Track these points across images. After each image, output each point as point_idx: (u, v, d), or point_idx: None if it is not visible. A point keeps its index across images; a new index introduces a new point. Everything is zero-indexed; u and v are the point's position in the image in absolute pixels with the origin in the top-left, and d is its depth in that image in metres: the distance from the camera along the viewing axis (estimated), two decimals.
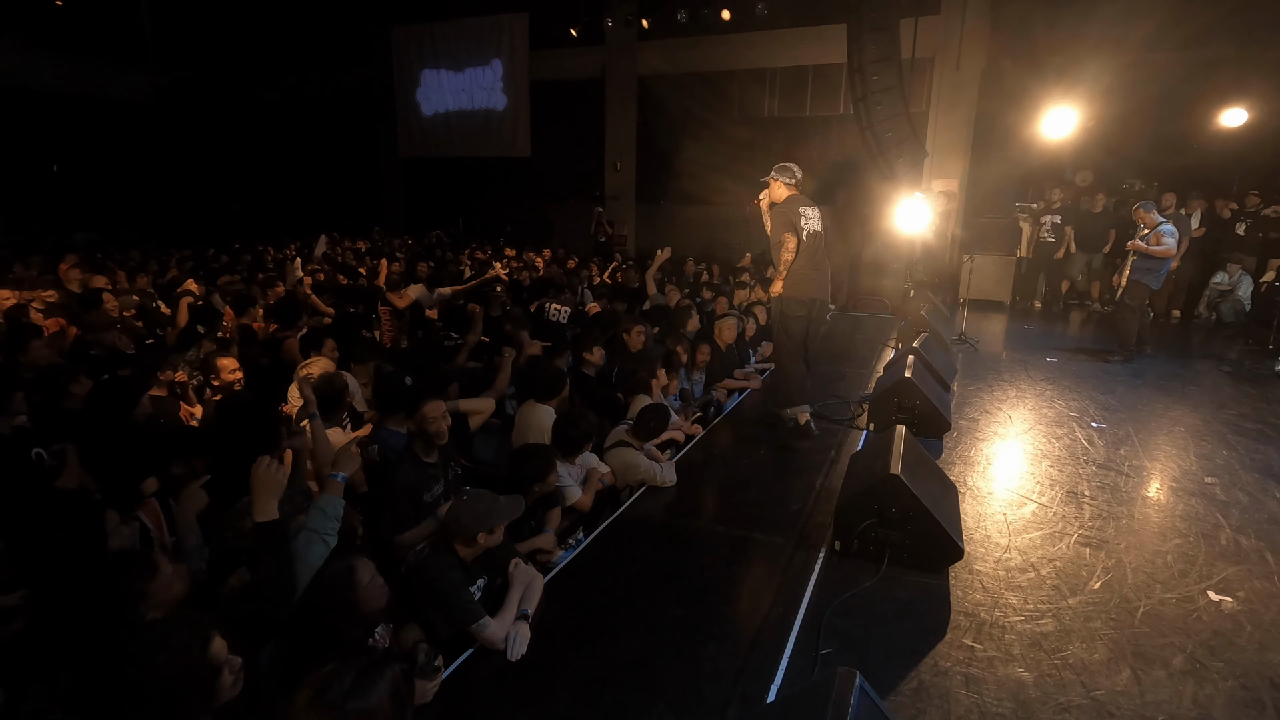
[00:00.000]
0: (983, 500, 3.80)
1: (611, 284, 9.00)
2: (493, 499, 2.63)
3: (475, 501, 2.59)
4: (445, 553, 2.53)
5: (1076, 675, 2.40)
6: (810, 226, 4.49)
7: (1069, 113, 8.63)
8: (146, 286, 7.66)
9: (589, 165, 15.74)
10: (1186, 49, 10.00)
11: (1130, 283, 6.83)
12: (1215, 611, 2.78)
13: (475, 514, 2.55)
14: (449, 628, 2.45)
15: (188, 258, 10.69)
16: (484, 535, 2.55)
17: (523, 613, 2.58)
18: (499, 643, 2.44)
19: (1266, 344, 7.38)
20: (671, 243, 14.47)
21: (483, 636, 2.43)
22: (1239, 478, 4.11)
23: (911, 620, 2.72)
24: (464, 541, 2.54)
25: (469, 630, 2.42)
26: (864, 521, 3.09)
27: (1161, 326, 8.76)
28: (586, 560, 3.17)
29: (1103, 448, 4.57)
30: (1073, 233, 9.73)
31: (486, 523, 2.55)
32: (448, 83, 17.03)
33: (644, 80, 14.93)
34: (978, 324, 8.57)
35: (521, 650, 2.45)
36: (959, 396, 5.65)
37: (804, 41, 13.07)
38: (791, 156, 13.75)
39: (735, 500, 3.79)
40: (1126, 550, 3.25)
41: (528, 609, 2.59)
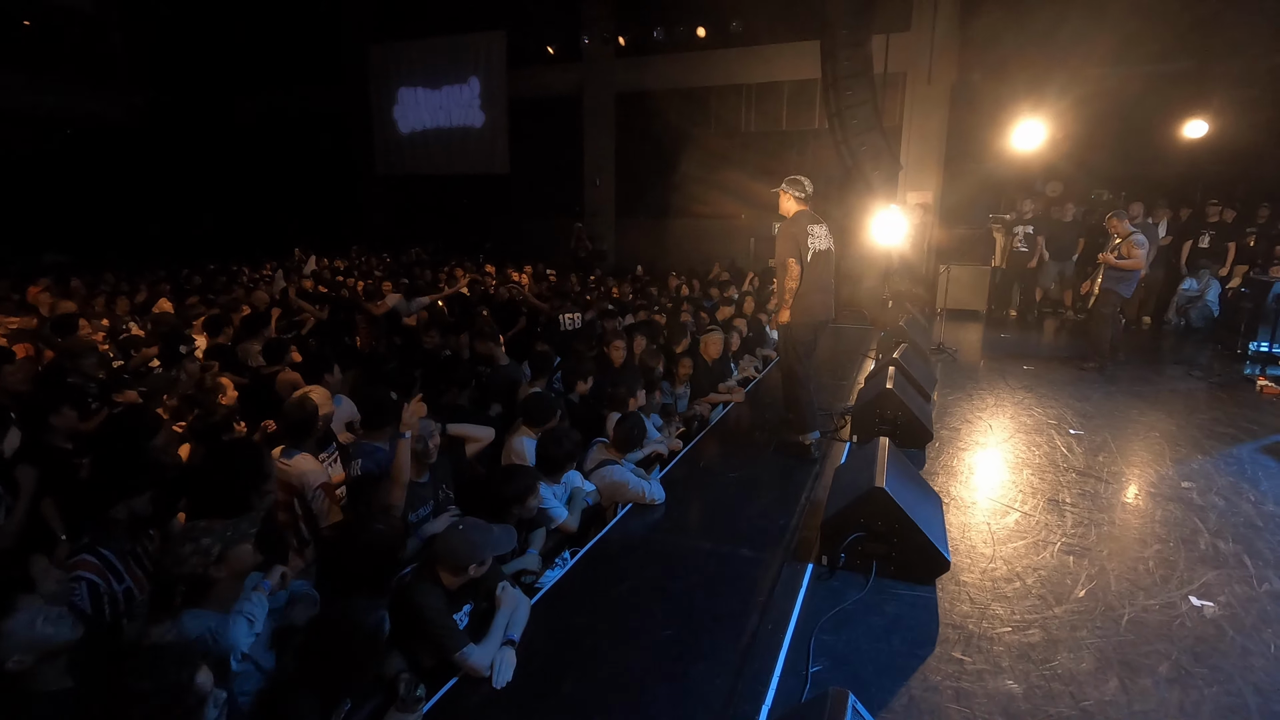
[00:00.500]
0: (967, 510, 3.82)
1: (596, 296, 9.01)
2: (487, 529, 2.60)
3: (471, 532, 2.55)
4: (429, 579, 2.48)
5: (1065, 686, 2.41)
6: (818, 245, 4.38)
7: (1038, 125, 8.82)
8: (124, 312, 7.51)
9: (568, 181, 15.79)
10: (1149, 64, 10.31)
11: (1102, 291, 6.96)
12: (1198, 617, 2.81)
13: (471, 545, 2.50)
14: (432, 655, 2.40)
15: (161, 279, 10.51)
16: (475, 567, 2.51)
17: (509, 638, 2.53)
18: (484, 670, 2.39)
19: (1235, 348, 7.55)
20: (652, 257, 14.64)
21: (467, 665, 2.38)
22: (1214, 482, 4.18)
23: (900, 634, 2.71)
24: (452, 571, 2.49)
25: (453, 659, 2.37)
26: (850, 535, 3.09)
27: (1133, 333, 8.93)
28: (573, 581, 3.13)
29: (1082, 455, 4.63)
30: (1044, 242, 9.92)
31: (480, 554, 2.51)
32: (425, 100, 17.04)
33: (622, 96, 15.05)
34: (955, 333, 8.68)
35: (507, 677, 2.41)
36: (939, 406, 5.70)
37: (779, 57, 13.28)
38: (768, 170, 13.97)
39: (721, 516, 3.77)
40: (1109, 557, 3.28)
41: (514, 634, 2.55)
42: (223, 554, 2.16)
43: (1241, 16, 9.65)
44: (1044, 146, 9.11)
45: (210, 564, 2.14)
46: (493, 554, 2.58)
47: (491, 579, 2.67)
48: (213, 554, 2.14)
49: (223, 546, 2.16)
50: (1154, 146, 10.24)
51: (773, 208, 4.68)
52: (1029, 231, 9.97)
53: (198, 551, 2.13)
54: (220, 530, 2.20)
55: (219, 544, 2.16)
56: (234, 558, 2.20)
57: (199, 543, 2.14)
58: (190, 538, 2.16)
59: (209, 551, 2.14)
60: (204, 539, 2.15)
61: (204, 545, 2.14)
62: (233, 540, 2.19)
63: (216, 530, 2.19)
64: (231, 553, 2.18)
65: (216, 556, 2.15)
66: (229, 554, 2.18)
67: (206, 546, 2.14)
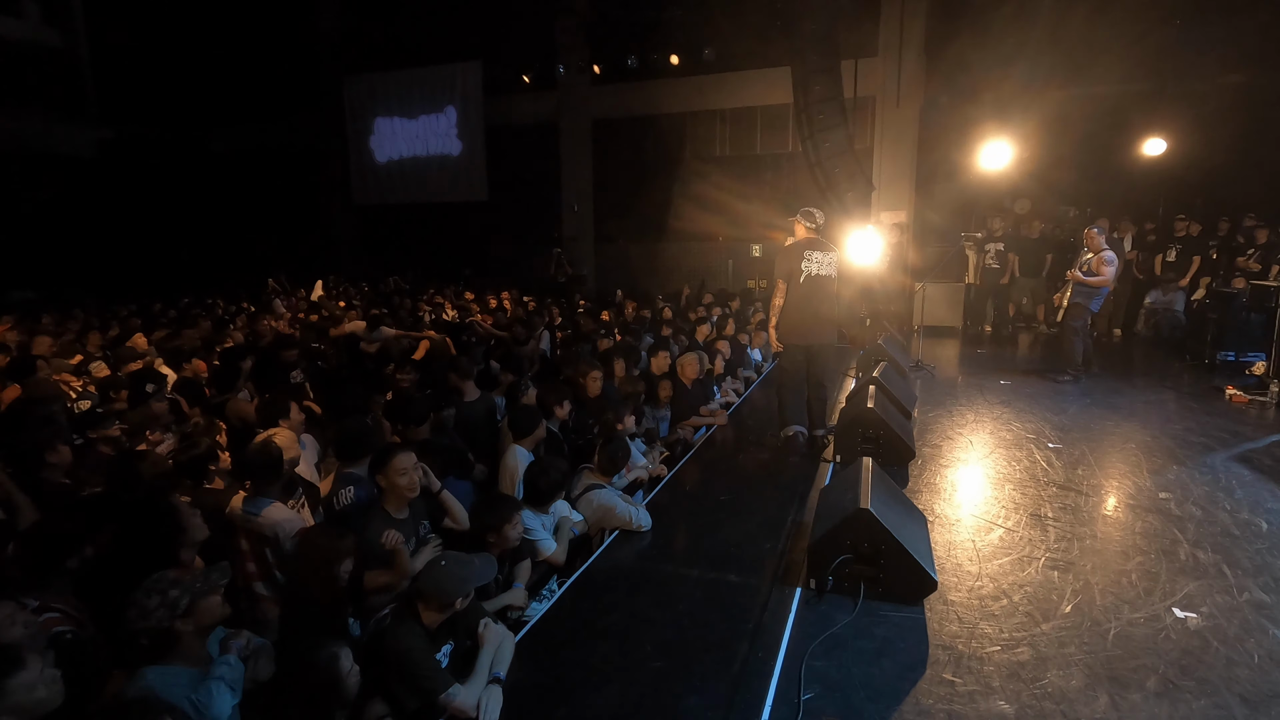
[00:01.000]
0: (951, 528, 3.84)
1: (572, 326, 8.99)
2: (469, 561, 2.55)
3: (453, 566, 2.48)
4: (409, 619, 2.42)
5: (1056, 704, 2.40)
6: (814, 270, 4.73)
7: (1005, 146, 9.06)
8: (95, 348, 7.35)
9: (546, 207, 15.86)
10: (1108, 85, 10.68)
11: (1071, 305, 7.12)
12: (1182, 629, 2.83)
13: (455, 579, 2.45)
14: (416, 698, 2.33)
15: (133, 313, 10.33)
16: (460, 601, 2.46)
17: (495, 676, 2.47)
18: (470, 711, 2.32)
19: (1203, 359, 7.73)
20: (631, 281, 14.71)
21: (453, 706, 2.31)
22: (1190, 491, 4.24)
23: (891, 658, 2.70)
24: (436, 608, 2.44)
25: (437, 701, 2.30)
26: (837, 558, 3.08)
27: (1104, 345, 9.12)
28: (560, 613, 3.08)
29: (1061, 468, 4.68)
30: (1016, 259, 10.14)
31: (465, 587, 2.46)
32: (401, 130, 17.09)
33: (598, 123, 15.22)
34: (933, 350, 8.79)
35: (495, 716, 2.35)
36: (920, 423, 5.75)
37: (751, 84, 13.54)
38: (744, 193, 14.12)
39: (708, 541, 3.75)
40: (1092, 571, 3.31)
41: (500, 672, 2.49)
42: (191, 606, 2.05)
43: (1194, 41, 10.06)
44: (1011, 166, 9.36)
45: (177, 617, 2.03)
46: (477, 585, 2.53)
47: (473, 615, 2.61)
48: (180, 607, 2.03)
49: (191, 599, 2.05)
50: (1116, 164, 10.57)
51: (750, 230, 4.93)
52: (1000, 248, 10.19)
53: (165, 605, 2.01)
54: (189, 582, 2.08)
55: (187, 596, 2.05)
56: (202, 610, 2.09)
57: (166, 595, 2.02)
58: (157, 589, 2.04)
59: (176, 604, 2.02)
60: (171, 591, 2.03)
61: (171, 598, 2.02)
62: (201, 592, 2.08)
63: (185, 582, 2.08)
64: (200, 605, 2.07)
65: (184, 610, 2.03)
66: (197, 606, 2.07)
67: (174, 599, 2.02)
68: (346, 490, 3.40)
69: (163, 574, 2.12)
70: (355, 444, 3.59)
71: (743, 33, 12.54)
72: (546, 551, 3.44)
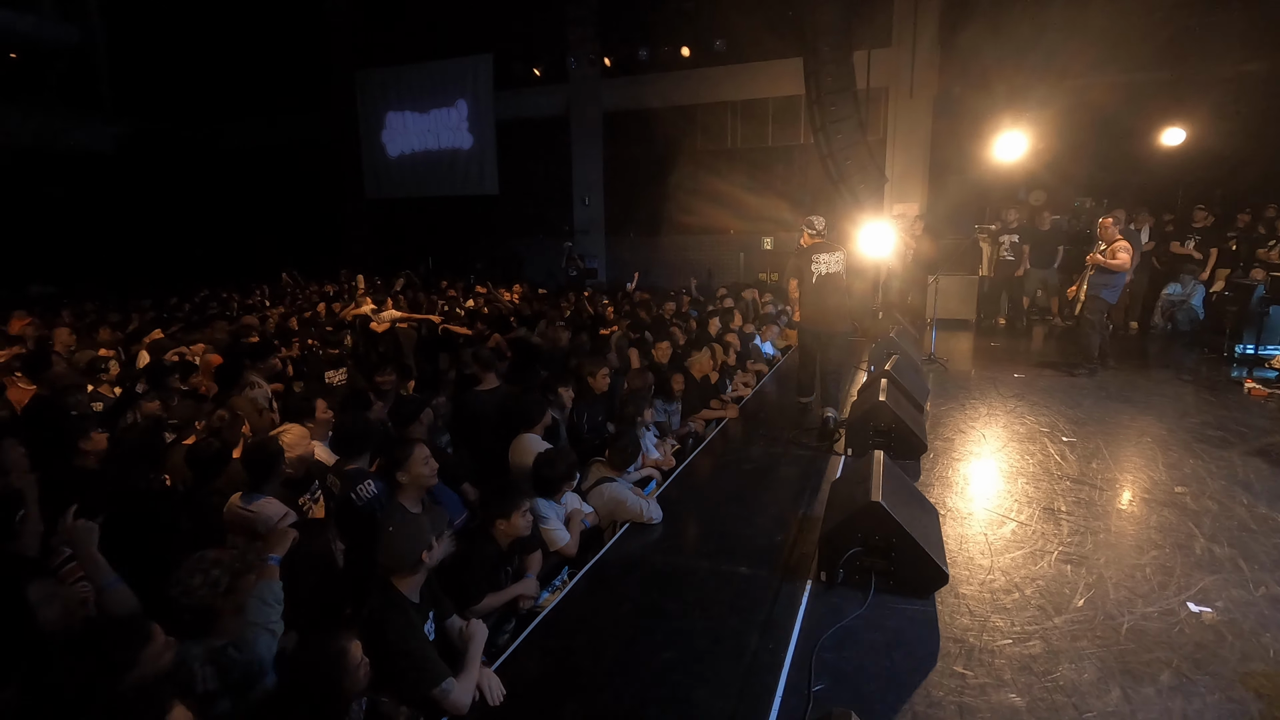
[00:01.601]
0: (963, 521, 3.82)
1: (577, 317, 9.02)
2: (416, 517, 2.60)
3: (404, 527, 2.54)
4: (393, 604, 2.41)
5: (1068, 698, 2.40)
6: (821, 270, 5.35)
7: (1019, 136, 8.95)
8: (108, 339, 7.46)
9: (557, 200, 15.89)
10: (1126, 74, 10.52)
11: (1089, 298, 7.03)
12: (1196, 623, 2.81)
13: (411, 536, 2.48)
14: (409, 692, 2.30)
15: (149, 307, 10.46)
16: (426, 554, 2.48)
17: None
18: (464, 709, 2.32)
19: (1221, 351, 7.63)
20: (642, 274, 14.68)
21: (448, 702, 2.29)
22: (1207, 486, 4.20)
23: (902, 650, 2.70)
24: (409, 571, 2.46)
25: (431, 695, 2.29)
26: (848, 550, 3.08)
27: (1121, 338, 9.01)
28: (571, 604, 3.11)
29: (1075, 462, 4.64)
30: (1029, 251, 10.03)
31: (425, 539, 2.49)
32: (413, 124, 17.14)
33: (609, 116, 15.19)
34: (946, 343, 8.72)
35: (502, 691, 2.39)
36: (932, 417, 5.72)
37: (763, 75, 13.46)
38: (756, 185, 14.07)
39: (718, 534, 3.76)
40: (1106, 565, 3.29)
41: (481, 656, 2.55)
42: (231, 585, 2.13)
43: (1214, 28, 9.88)
44: (1026, 156, 9.24)
45: (219, 595, 2.11)
46: (435, 533, 2.57)
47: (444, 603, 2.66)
48: (221, 586, 2.11)
49: (231, 577, 2.14)
50: (1134, 154, 10.41)
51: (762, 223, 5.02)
52: (1014, 240, 10.08)
53: (208, 583, 2.10)
54: (229, 561, 2.17)
55: (228, 575, 2.13)
56: (242, 590, 2.17)
57: (209, 574, 2.11)
58: (200, 569, 2.13)
59: (218, 583, 2.11)
60: (213, 570, 2.12)
61: (213, 576, 2.11)
62: (241, 571, 2.17)
63: (225, 562, 2.16)
64: (240, 584, 2.16)
65: (225, 588, 2.12)
66: (237, 585, 2.15)
67: (216, 578, 2.11)
68: (365, 485, 3.35)
69: (204, 553, 2.19)
70: (356, 439, 3.57)
71: (753, 24, 12.47)
72: (560, 542, 3.46)
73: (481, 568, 2.96)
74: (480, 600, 2.92)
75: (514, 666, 2.63)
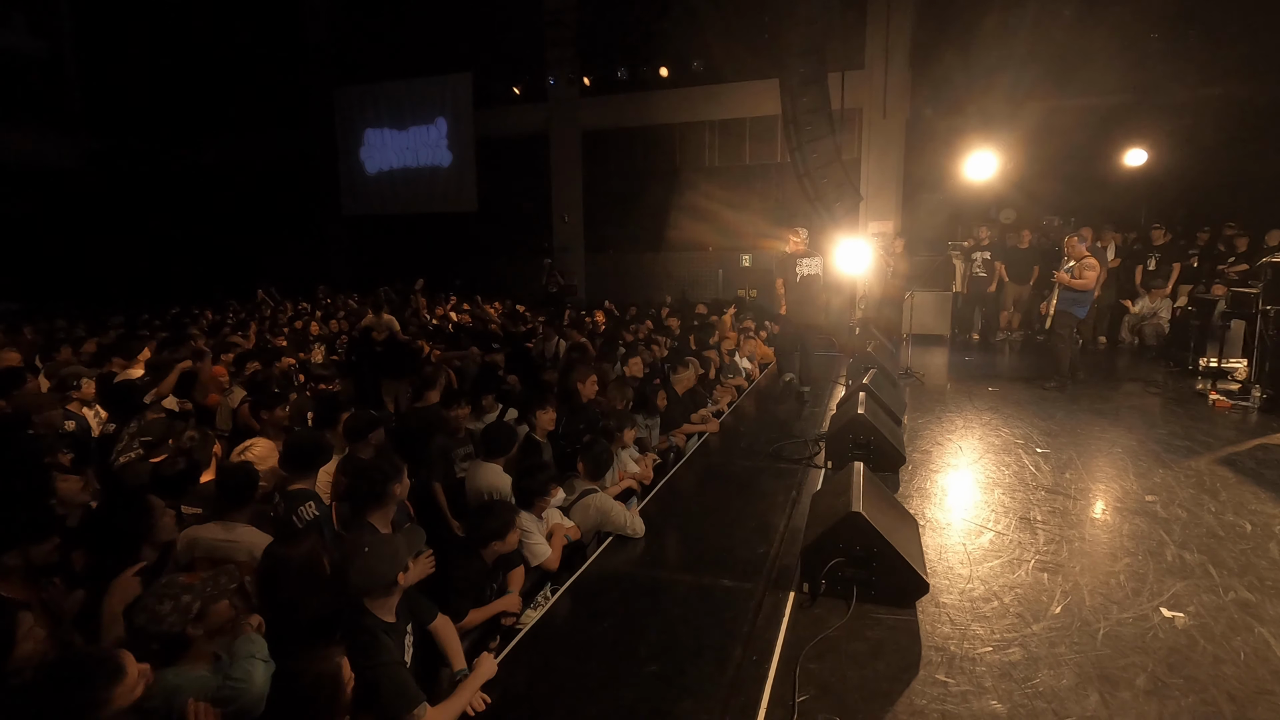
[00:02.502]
0: (942, 532, 3.87)
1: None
2: (390, 537, 2.57)
3: (378, 547, 2.47)
4: (367, 625, 2.35)
5: (1048, 703, 2.43)
6: (804, 271, 6.65)
7: (989, 156, 9.19)
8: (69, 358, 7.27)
9: (537, 218, 15.93)
10: (1090, 97, 10.88)
11: (1058, 313, 7.20)
12: (1170, 628, 2.87)
13: (386, 556, 2.43)
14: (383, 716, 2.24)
15: (119, 325, 10.24)
16: (402, 575, 2.44)
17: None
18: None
19: (1186, 365, 7.84)
20: (621, 290, 14.76)
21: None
22: (1176, 494, 4.30)
23: (884, 659, 2.71)
24: (384, 593, 2.40)
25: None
26: (830, 561, 3.10)
27: (1090, 352, 9.22)
28: (554, 620, 3.08)
29: (1049, 472, 4.73)
30: (1003, 267, 10.27)
31: (401, 561, 2.44)
32: (391, 141, 17.12)
33: (588, 134, 15.32)
34: (921, 358, 8.86)
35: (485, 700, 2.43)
36: (910, 429, 5.80)
37: (740, 95, 13.68)
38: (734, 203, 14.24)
39: (701, 547, 3.76)
40: (1081, 573, 3.35)
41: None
42: (202, 611, 2.07)
43: (1173, 55, 10.28)
44: (996, 176, 9.50)
45: (189, 622, 2.05)
46: (410, 554, 2.52)
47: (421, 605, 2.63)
48: (192, 611, 2.05)
49: (202, 603, 2.07)
50: (1098, 174, 10.75)
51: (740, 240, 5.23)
52: (986, 257, 10.31)
53: (178, 610, 2.03)
54: (199, 587, 2.10)
55: (199, 601, 2.07)
56: (213, 614, 2.10)
57: (179, 600, 2.04)
58: (169, 595, 2.06)
59: (189, 609, 2.04)
60: (184, 596, 2.06)
61: (184, 603, 2.04)
62: (212, 596, 2.11)
63: (195, 587, 2.10)
64: (211, 610, 2.09)
65: (196, 614, 2.06)
66: (208, 611, 2.08)
67: (187, 604, 2.04)
68: (308, 506, 3.20)
69: (173, 579, 2.13)
70: (308, 455, 3.41)
71: (731, 45, 12.72)
72: (541, 556, 3.44)
73: (466, 584, 2.94)
74: (464, 617, 2.89)
75: (498, 681, 2.60)
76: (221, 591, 2.15)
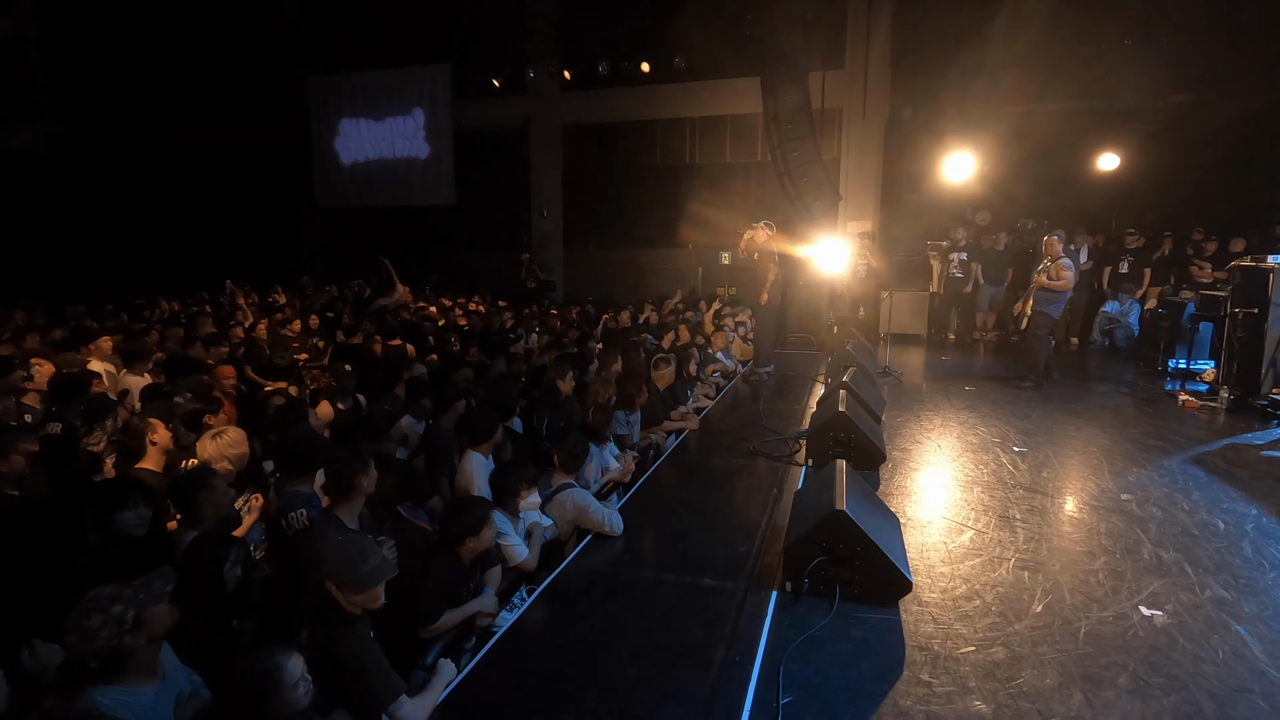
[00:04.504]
0: (923, 530, 3.86)
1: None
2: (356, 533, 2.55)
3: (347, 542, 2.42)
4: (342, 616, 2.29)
5: (1032, 703, 2.41)
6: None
7: (967, 158, 9.26)
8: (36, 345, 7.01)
9: (516, 212, 15.73)
10: (1064, 101, 11.03)
11: (1035, 313, 7.28)
12: (1149, 626, 2.88)
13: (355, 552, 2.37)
14: (367, 709, 2.20)
15: (82, 315, 9.90)
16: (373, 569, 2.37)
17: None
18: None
19: (1156, 365, 7.99)
20: (600, 287, 14.67)
21: (397, 717, 2.22)
22: (1151, 493, 4.35)
23: (868, 659, 2.68)
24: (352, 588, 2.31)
25: (387, 711, 2.21)
26: (813, 560, 3.06)
27: (1063, 353, 9.35)
28: (531, 621, 3.00)
29: (1027, 471, 4.76)
30: (979, 268, 10.37)
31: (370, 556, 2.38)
32: (368, 132, 16.78)
33: (568, 129, 15.16)
34: (899, 357, 8.91)
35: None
36: (888, 428, 5.80)
37: (721, 92, 13.64)
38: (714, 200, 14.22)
39: (682, 545, 3.70)
40: (1061, 571, 3.35)
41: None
42: (138, 619, 1.91)
43: (1144, 62, 10.46)
44: (972, 178, 9.58)
45: (125, 633, 1.89)
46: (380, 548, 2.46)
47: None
48: (126, 621, 1.89)
49: (136, 611, 1.91)
50: (1072, 178, 10.91)
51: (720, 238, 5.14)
52: (963, 258, 10.41)
53: (109, 622, 1.87)
54: (130, 595, 1.93)
55: (132, 609, 1.90)
56: (151, 621, 1.95)
57: (109, 612, 1.88)
58: (98, 608, 1.88)
59: (122, 620, 1.88)
60: (114, 606, 1.89)
61: (115, 614, 1.88)
62: (145, 603, 1.94)
63: (125, 595, 1.93)
64: (147, 616, 1.93)
65: (131, 624, 1.90)
66: (145, 617, 1.93)
67: (119, 614, 1.88)
68: (299, 513, 3.09)
69: (98, 591, 1.95)
70: (304, 457, 3.31)
71: (713, 42, 12.65)
72: (518, 557, 3.35)
73: (443, 584, 2.84)
74: (439, 618, 2.79)
75: (474, 683, 2.52)
76: (156, 596, 1.99)
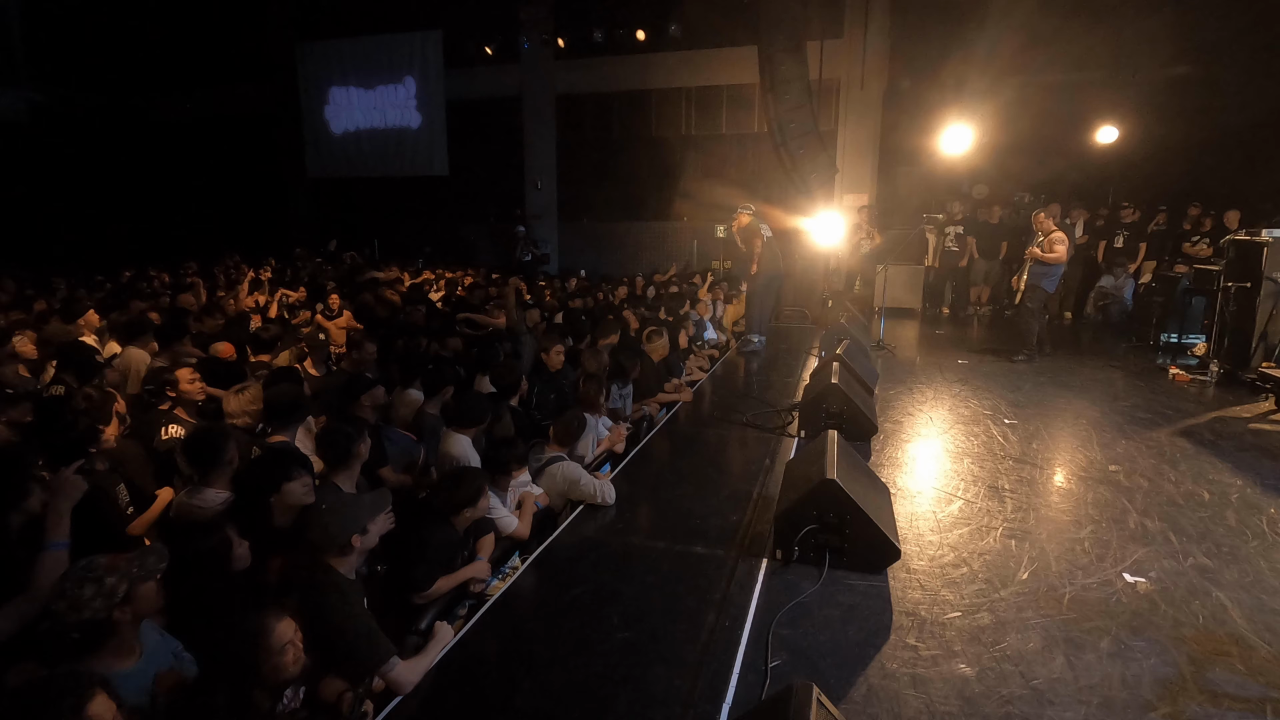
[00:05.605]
0: (913, 500, 3.90)
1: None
2: (356, 499, 2.50)
3: (341, 507, 2.43)
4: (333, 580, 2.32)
5: (1015, 666, 2.46)
6: (766, 233, 7.83)
7: (965, 130, 9.18)
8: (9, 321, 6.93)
9: (509, 183, 15.57)
10: (1062, 74, 10.89)
11: (1028, 287, 7.28)
12: (1132, 593, 2.92)
13: (345, 518, 2.39)
14: (355, 670, 2.23)
15: (65, 286, 9.79)
16: (358, 538, 2.40)
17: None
18: (407, 688, 2.27)
19: (1148, 340, 8.02)
20: (595, 259, 14.59)
21: (389, 678, 2.24)
22: (1138, 464, 4.39)
23: (856, 624, 2.72)
24: (339, 552, 2.37)
25: (377, 673, 2.24)
26: (804, 528, 3.09)
27: (1056, 327, 9.37)
28: (524, 587, 3.04)
29: (1017, 443, 4.80)
30: (974, 242, 10.34)
31: (360, 522, 2.41)
32: (359, 100, 16.50)
33: (562, 98, 14.95)
34: (893, 331, 8.92)
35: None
36: (881, 400, 5.83)
37: (717, 62, 13.44)
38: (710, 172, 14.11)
39: (674, 514, 3.73)
40: (1048, 540, 3.40)
41: None
42: (129, 594, 1.89)
43: (1144, 33, 10.31)
44: (970, 151, 9.50)
45: (115, 606, 1.86)
46: (371, 517, 2.46)
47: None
48: (118, 595, 1.86)
49: (129, 585, 1.89)
50: (1069, 152, 10.82)
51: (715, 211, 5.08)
52: (959, 232, 10.37)
53: (102, 594, 1.84)
54: (125, 568, 1.91)
55: (125, 582, 1.88)
56: (141, 598, 1.93)
57: (102, 583, 1.85)
58: (91, 578, 1.85)
59: (114, 592, 1.85)
60: (108, 578, 1.86)
61: (109, 585, 1.85)
62: (140, 578, 1.93)
63: (121, 568, 1.90)
64: (139, 591, 1.92)
65: (122, 597, 1.87)
66: (136, 593, 1.91)
67: (112, 586, 1.85)
68: None
69: (92, 560, 1.93)
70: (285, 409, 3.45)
71: (709, 10, 12.44)
72: (509, 529, 3.37)
73: (438, 551, 2.87)
74: (433, 584, 2.82)
75: (468, 646, 2.56)
76: (149, 572, 1.97)
